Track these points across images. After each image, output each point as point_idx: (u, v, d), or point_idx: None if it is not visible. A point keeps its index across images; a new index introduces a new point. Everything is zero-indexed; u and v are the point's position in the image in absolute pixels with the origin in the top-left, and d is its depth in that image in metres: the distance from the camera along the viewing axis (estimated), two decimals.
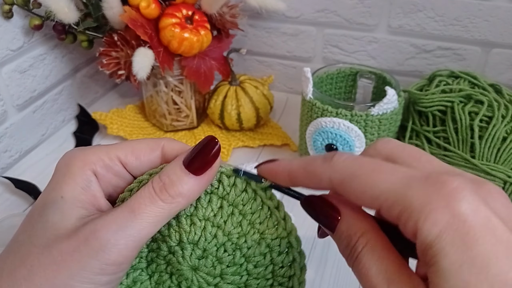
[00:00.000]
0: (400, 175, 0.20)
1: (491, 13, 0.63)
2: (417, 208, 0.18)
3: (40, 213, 0.24)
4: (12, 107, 0.61)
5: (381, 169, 0.20)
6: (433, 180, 0.19)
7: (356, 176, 0.21)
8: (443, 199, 0.18)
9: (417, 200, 0.19)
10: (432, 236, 0.18)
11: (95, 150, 0.26)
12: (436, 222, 0.18)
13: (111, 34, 0.59)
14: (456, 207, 0.18)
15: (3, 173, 0.61)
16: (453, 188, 0.18)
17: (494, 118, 0.49)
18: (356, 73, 0.61)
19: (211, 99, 0.66)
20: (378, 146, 0.24)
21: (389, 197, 0.19)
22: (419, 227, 0.18)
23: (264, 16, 0.73)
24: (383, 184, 0.20)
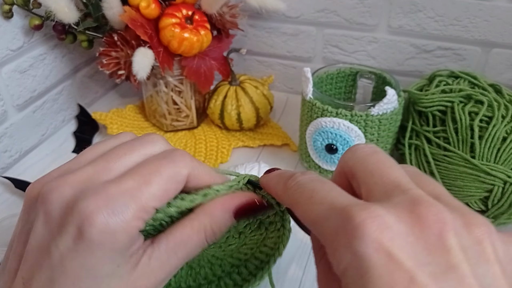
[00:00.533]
0: (326, 205, 0.20)
1: (491, 13, 0.63)
2: (329, 242, 0.19)
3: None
4: (12, 107, 0.61)
5: (315, 197, 0.21)
6: (345, 213, 0.18)
7: (297, 204, 0.22)
8: (346, 236, 0.18)
9: (329, 234, 0.19)
10: (340, 272, 0.18)
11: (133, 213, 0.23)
12: (341, 260, 0.18)
13: (111, 34, 0.59)
14: (356, 246, 0.17)
15: (3, 173, 0.61)
16: (357, 224, 0.18)
17: (494, 118, 0.49)
18: (356, 73, 0.61)
19: (211, 99, 0.66)
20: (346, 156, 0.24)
21: (316, 227, 0.20)
22: (331, 260, 0.19)
23: (264, 16, 0.73)
24: (312, 213, 0.21)
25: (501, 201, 0.48)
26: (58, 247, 0.22)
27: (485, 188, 0.48)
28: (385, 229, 0.17)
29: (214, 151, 0.64)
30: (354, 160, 0.23)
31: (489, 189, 0.48)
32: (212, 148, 0.64)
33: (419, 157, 0.53)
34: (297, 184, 0.23)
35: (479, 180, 0.48)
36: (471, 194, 0.49)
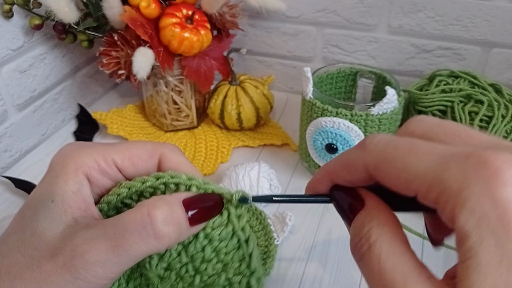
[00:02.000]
0: (436, 155, 0.17)
1: (491, 13, 0.63)
2: (454, 193, 0.16)
3: (31, 216, 0.24)
4: (12, 106, 0.61)
5: (416, 150, 0.18)
6: (474, 158, 0.16)
7: (390, 160, 0.19)
8: (483, 182, 0.16)
9: (455, 183, 0.16)
10: (469, 226, 0.16)
11: (91, 152, 0.25)
12: (475, 210, 0.15)
13: (111, 34, 0.59)
14: (497, 193, 0.15)
15: (3, 172, 0.61)
16: (496, 169, 0.16)
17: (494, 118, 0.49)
18: (356, 73, 0.61)
19: (211, 99, 0.66)
20: (411, 125, 0.21)
21: (425, 181, 0.17)
22: (456, 213, 0.16)
23: (264, 16, 0.73)
24: (418, 166, 0.18)
25: None
26: None
27: None
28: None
29: (214, 151, 0.64)
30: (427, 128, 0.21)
31: None
32: (212, 148, 0.65)
33: None
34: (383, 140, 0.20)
35: None
36: None
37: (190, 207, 0.24)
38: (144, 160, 0.26)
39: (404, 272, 0.17)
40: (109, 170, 0.26)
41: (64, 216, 0.23)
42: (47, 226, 0.23)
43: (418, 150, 0.18)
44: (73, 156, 0.25)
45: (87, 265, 0.22)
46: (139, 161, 0.26)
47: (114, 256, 0.22)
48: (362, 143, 0.21)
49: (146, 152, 0.26)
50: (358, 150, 0.21)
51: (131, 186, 0.25)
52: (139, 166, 0.26)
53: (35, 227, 0.23)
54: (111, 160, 0.25)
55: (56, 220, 0.23)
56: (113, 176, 0.26)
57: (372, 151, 0.20)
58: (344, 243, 0.49)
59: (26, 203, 0.25)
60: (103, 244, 0.22)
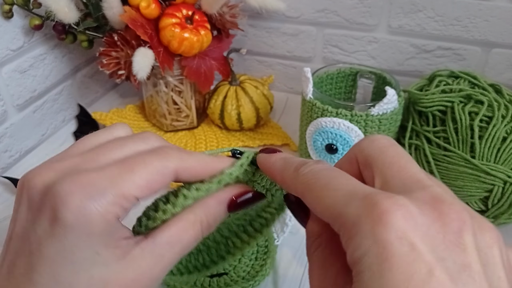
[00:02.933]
0: (344, 192, 0.20)
1: (491, 13, 0.63)
2: (348, 228, 0.18)
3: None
4: (12, 107, 0.61)
5: (332, 184, 0.21)
6: (368, 200, 0.18)
7: (311, 190, 0.22)
8: (369, 222, 0.18)
9: (349, 219, 0.18)
10: (355, 258, 0.18)
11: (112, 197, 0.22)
12: (360, 245, 0.18)
13: (111, 34, 0.59)
14: (379, 233, 0.17)
15: (3, 173, 0.61)
16: (383, 211, 0.18)
17: (494, 118, 0.49)
18: (356, 73, 0.61)
19: (211, 99, 0.66)
20: (363, 144, 0.23)
21: (332, 213, 0.20)
22: (347, 246, 0.18)
23: (264, 16, 0.73)
24: (328, 200, 0.20)
25: (501, 201, 0.48)
26: (35, 231, 0.22)
27: (485, 188, 0.48)
28: (410, 219, 0.17)
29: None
30: (372, 150, 0.23)
31: (489, 189, 0.48)
32: (212, 148, 0.65)
33: (419, 157, 0.53)
34: (311, 171, 0.22)
35: (479, 180, 0.48)
36: (471, 194, 0.49)
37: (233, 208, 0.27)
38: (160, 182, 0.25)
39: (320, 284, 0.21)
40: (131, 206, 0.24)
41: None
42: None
43: (333, 185, 0.21)
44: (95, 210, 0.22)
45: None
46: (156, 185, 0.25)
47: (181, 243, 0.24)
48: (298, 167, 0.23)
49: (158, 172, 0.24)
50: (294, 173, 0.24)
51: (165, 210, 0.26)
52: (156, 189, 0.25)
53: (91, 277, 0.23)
54: (133, 197, 0.24)
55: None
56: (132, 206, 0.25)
57: (301, 179, 0.23)
58: None
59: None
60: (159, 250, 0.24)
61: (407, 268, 0.16)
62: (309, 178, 0.22)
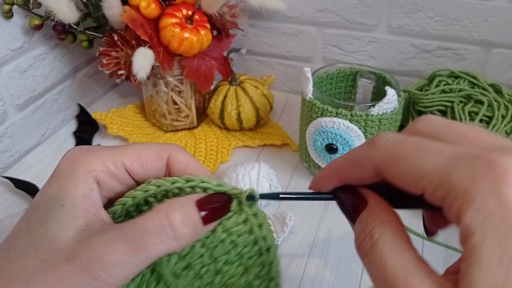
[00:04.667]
0: (446, 154, 0.18)
1: (491, 13, 0.63)
2: (461, 192, 0.17)
3: (40, 220, 0.24)
4: (12, 107, 0.61)
5: (425, 149, 0.19)
6: (482, 160, 0.17)
7: (400, 158, 0.19)
8: (490, 183, 0.16)
9: (462, 182, 0.17)
10: (475, 225, 0.16)
11: (100, 155, 0.25)
12: (481, 209, 0.16)
13: (111, 34, 0.59)
14: (503, 193, 0.16)
15: (3, 173, 0.61)
16: (503, 170, 0.16)
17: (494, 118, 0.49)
18: (356, 73, 0.61)
19: (211, 99, 0.66)
20: (418, 125, 0.22)
21: (433, 179, 0.18)
22: (462, 211, 0.17)
23: (264, 16, 0.73)
24: (427, 165, 0.18)
25: None
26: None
27: None
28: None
29: (214, 151, 0.64)
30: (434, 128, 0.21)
31: None
32: (212, 148, 0.64)
33: None
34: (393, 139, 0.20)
35: None
36: None
37: (202, 208, 0.24)
38: (152, 161, 0.26)
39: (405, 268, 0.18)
40: (118, 173, 0.26)
41: (75, 220, 0.23)
42: (58, 230, 0.23)
43: (427, 149, 0.19)
44: (82, 159, 0.25)
45: (106, 267, 0.22)
46: (148, 162, 0.26)
47: (133, 257, 0.22)
48: (371, 141, 0.21)
49: (154, 153, 0.26)
50: (367, 147, 0.21)
51: (147, 190, 0.26)
52: (148, 167, 0.26)
53: (45, 231, 0.23)
54: (120, 163, 0.25)
55: (67, 224, 0.23)
56: (122, 179, 0.26)
57: (381, 149, 0.20)
58: (344, 243, 0.49)
59: (32, 207, 0.25)
60: (121, 246, 0.22)
61: None
62: (393, 146, 0.20)
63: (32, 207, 0.25)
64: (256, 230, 0.26)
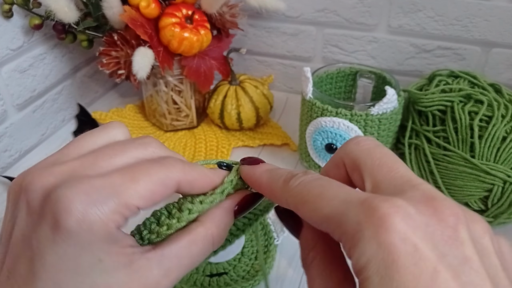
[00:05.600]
0: (340, 200, 0.20)
1: (491, 13, 0.63)
2: (350, 235, 0.18)
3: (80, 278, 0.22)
4: (12, 106, 0.61)
5: (325, 193, 0.21)
6: (367, 205, 0.18)
7: (305, 202, 0.21)
8: (371, 227, 0.18)
9: (350, 227, 0.19)
10: (361, 265, 0.18)
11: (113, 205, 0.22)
12: (364, 251, 0.18)
13: (111, 34, 0.59)
14: (382, 237, 0.17)
15: (3, 172, 0.61)
16: (383, 215, 0.18)
17: (494, 118, 0.49)
18: (356, 73, 0.61)
19: (211, 99, 0.66)
20: (348, 147, 0.24)
21: (330, 223, 0.20)
22: (351, 253, 0.18)
23: (264, 15, 0.73)
24: (325, 209, 0.20)
25: (500, 200, 0.48)
26: (37, 237, 0.21)
27: (485, 187, 0.48)
28: (409, 219, 0.18)
29: (214, 151, 0.64)
30: (359, 152, 0.23)
31: (489, 188, 0.48)
32: (212, 147, 0.65)
33: (419, 157, 0.53)
34: (302, 183, 0.22)
35: (479, 180, 0.48)
36: (471, 194, 0.49)
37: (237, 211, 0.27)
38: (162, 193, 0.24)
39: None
40: (133, 215, 0.24)
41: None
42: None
43: (327, 194, 0.21)
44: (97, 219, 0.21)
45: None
46: (158, 197, 0.24)
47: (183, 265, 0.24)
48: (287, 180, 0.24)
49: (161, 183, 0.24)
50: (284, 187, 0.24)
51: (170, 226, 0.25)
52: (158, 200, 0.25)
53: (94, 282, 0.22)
54: (134, 207, 0.23)
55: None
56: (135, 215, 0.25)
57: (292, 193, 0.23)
58: None
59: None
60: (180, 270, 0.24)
61: (414, 269, 0.17)
62: (300, 190, 0.22)
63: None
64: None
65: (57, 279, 0.21)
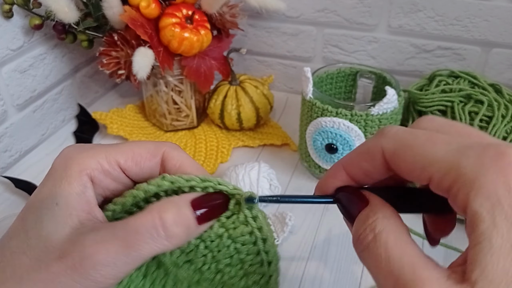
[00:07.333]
0: (455, 144, 0.19)
1: (491, 13, 0.63)
2: (470, 178, 0.17)
3: (35, 219, 0.24)
4: (12, 106, 0.61)
5: (435, 139, 0.19)
6: (492, 149, 0.17)
7: (409, 146, 0.20)
8: (499, 171, 0.17)
9: (471, 170, 0.17)
10: (483, 211, 0.16)
11: (94, 153, 0.25)
12: (490, 195, 0.16)
13: (111, 34, 0.59)
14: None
15: (3, 172, 0.61)
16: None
17: (494, 118, 0.49)
18: (356, 73, 0.61)
19: (211, 99, 0.66)
20: (422, 123, 0.22)
21: (441, 167, 0.18)
22: (470, 198, 0.17)
23: (264, 16, 0.73)
24: (437, 152, 0.19)
25: None
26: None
27: None
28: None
29: (214, 151, 0.64)
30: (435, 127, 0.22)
31: None
32: (212, 148, 0.65)
33: None
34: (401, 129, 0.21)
35: None
36: None
37: (198, 207, 0.24)
38: (147, 159, 0.26)
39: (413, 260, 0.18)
40: (112, 171, 0.26)
41: (69, 219, 0.23)
42: (53, 228, 0.23)
43: (437, 139, 0.19)
44: (76, 158, 0.25)
45: (97, 266, 0.22)
46: (142, 160, 0.26)
47: (125, 256, 0.22)
48: (380, 131, 0.22)
49: (148, 151, 0.26)
50: (376, 137, 0.22)
51: (147, 190, 0.25)
52: (142, 165, 0.26)
53: (40, 229, 0.23)
54: (114, 161, 0.25)
55: (61, 222, 0.23)
56: (116, 177, 0.26)
57: (391, 138, 0.21)
58: (344, 243, 0.49)
59: (28, 206, 0.25)
60: (113, 246, 0.22)
61: None
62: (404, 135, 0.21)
63: (27, 206, 0.25)
64: (260, 244, 0.27)
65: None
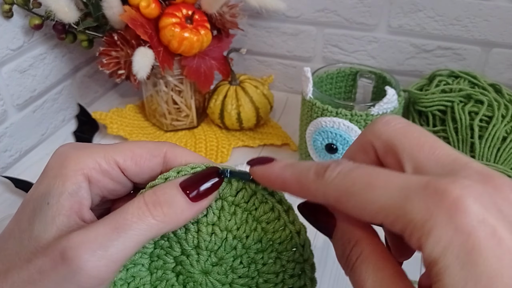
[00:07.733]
0: (395, 187, 0.18)
1: (491, 13, 0.63)
2: (418, 224, 0.17)
3: (28, 219, 0.23)
4: (12, 106, 0.61)
5: (375, 182, 0.19)
6: (432, 189, 0.17)
7: (351, 194, 0.19)
8: (444, 212, 0.17)
9: (418, 214, 0.17)
10: (436, 254, 0.17)
11: (91, 152, 0.25)
12: (440, 239, 0.16)
13: (111, 34, 0.59)
14: (458, 221, 0.16)
15: (3, 172, 0.61)
16: (455, 198, 0.17)
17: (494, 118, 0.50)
18: (356, 73, 0.61)
19: (211, 99, 0.66)
20: (377, 128, 0.22)
21: (389, 214, 0.18)
22: (422, 243, 0.17)
23: (264, 15, 0.73)
24: (380, 200, 0.18)
25: None
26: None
27: None
28: (482, 199, 0.17)
29: (214, 151, 0.64)
30: (392, 133, 0.21)
31: None
32: (212, 147, 0.64)
33: None
34: (342, 173, 0.20)
35: None
36: None
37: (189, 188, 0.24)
38: (147, 159, 0.26)
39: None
40: (111, 170, 0.25)
41: (57, 218, 0.23)
42: (42, 229, 0.22)
43: (377, 182, 0.19)
44: (73, 156, 0.25)
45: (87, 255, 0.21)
46: (142, 160, 0.26)
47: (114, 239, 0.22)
48: (321, 172, 0.21)
49: (148, 151, 0.26)
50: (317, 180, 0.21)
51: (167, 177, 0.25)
52: (142, 165, 0.26)
53: (31, 230, 0.23)
54: (113, 160, 0.25)
55: (49, 222, 0.22)
56: (115, 177, 0.26)
57: (332, 185, 0.20)
58: None
59: (22, 205, 0.24)
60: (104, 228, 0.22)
61: (496, 251, 0.16)
62: (342, 181, 0.20)
63: (22, 205, 0.24)
64: (284, 215, 0.27)
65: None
